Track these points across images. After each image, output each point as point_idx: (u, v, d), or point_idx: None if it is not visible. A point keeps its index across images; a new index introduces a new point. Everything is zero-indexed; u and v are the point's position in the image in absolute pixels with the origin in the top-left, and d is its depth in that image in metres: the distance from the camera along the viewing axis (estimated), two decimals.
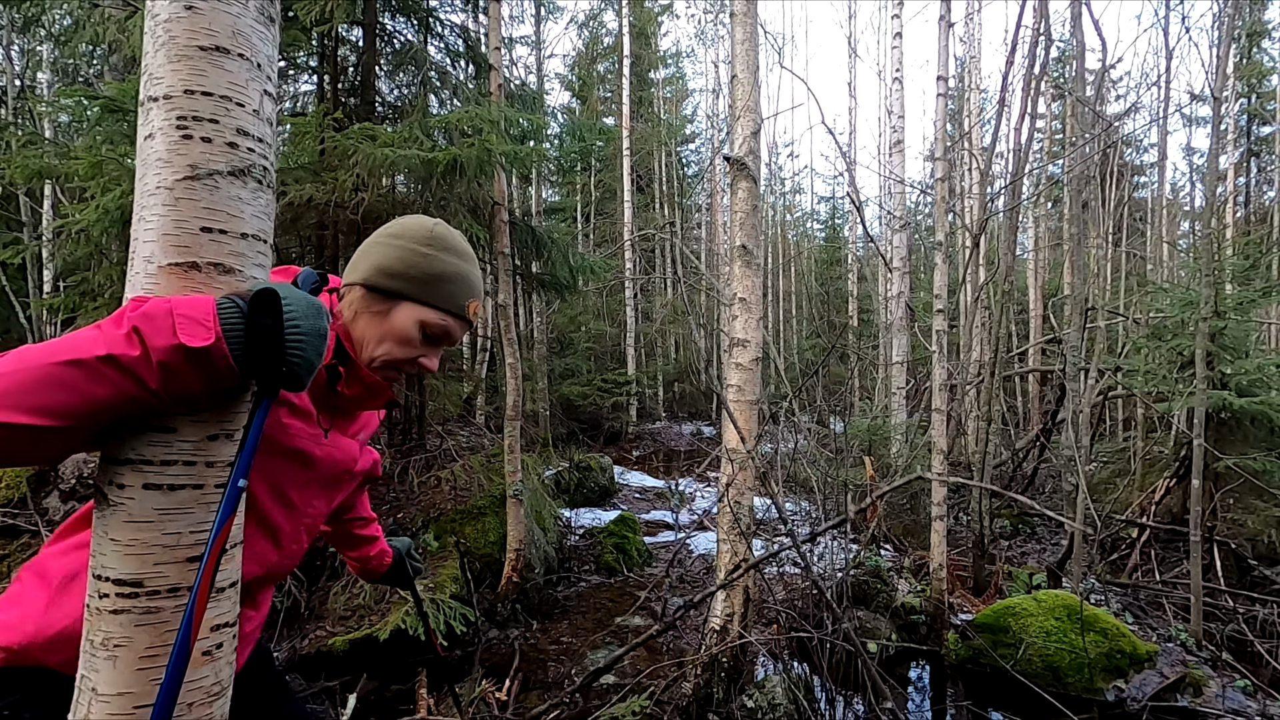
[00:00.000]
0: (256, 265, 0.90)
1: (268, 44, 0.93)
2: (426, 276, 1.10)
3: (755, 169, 3.72)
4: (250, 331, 0.81)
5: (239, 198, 0.87)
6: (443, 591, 3.96)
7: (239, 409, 0.89)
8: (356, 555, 1.63)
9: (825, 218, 28.08)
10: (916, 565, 5.04)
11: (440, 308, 1.12)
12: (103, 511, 0.83)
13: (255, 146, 0.89)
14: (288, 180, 3.91)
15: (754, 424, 3.57)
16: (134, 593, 0.80)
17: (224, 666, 0.88)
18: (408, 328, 1.10)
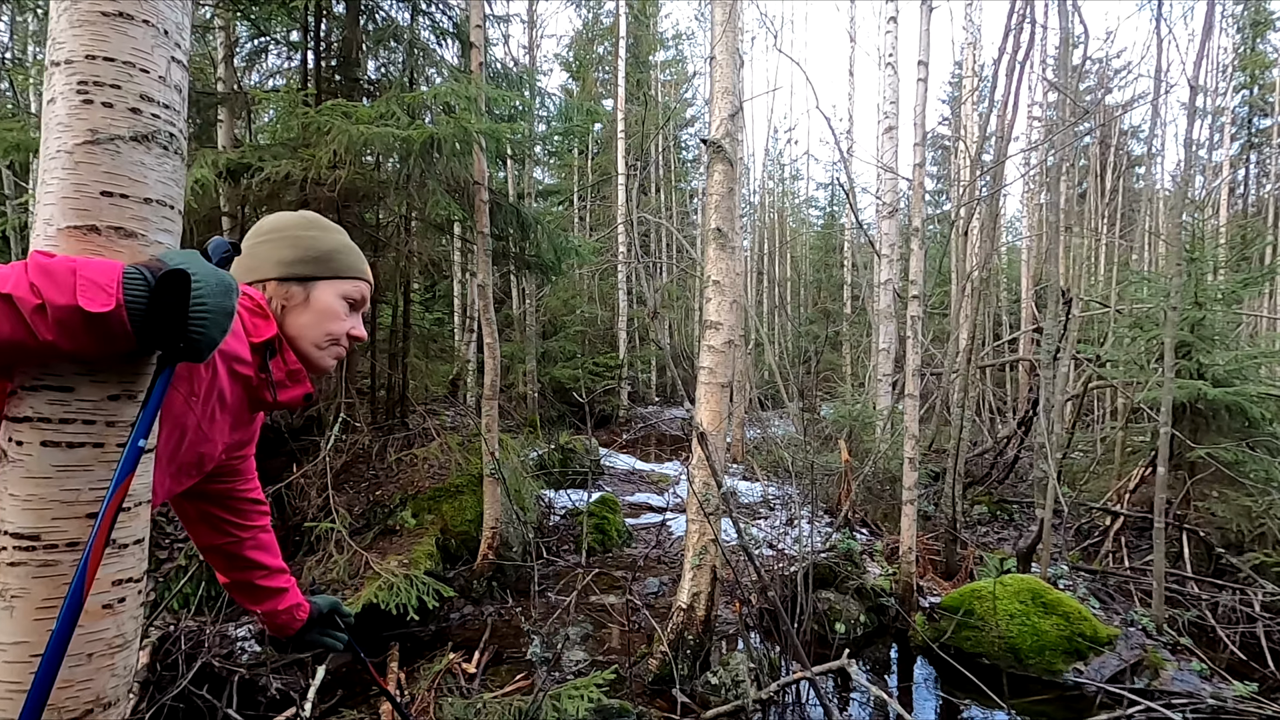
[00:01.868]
0: (162, 230, 0.91)
1: (176, 11, 0.93)
2: (326, 254, 1.16)
3: (732, 151, 3.72)
4: (153, 305, 0.83)
5: (142, 163, 0.88)
6: (417, 567, 4.00)
7: (143, 371, 0.90)
8: (262, 610, 1.39)
9: (823, 204, 27.98)
10: (890, 549, 5.10)
11: (350, 276, 1.18)
12: (3, 468, 0.85)
13: (160, 113, 0.91)
14: (265, 156, 3.90)
15: (724, 407, 3.60)
16: (31, 546, 0.82)
17: (127, 620, 0.91)
18: (333, 303, 1.16)
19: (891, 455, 6.04)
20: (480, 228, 4.48)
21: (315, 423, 5.03)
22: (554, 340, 13.48)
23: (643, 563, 5.62)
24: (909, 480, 4.14)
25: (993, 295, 5.57)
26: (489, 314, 4.51)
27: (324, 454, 4.50)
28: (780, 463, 8.08)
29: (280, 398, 1.14)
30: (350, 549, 4.03)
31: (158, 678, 3.04)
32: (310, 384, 1.18)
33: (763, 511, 7.03)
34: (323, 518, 4.20)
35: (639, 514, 7.29)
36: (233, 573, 1.35)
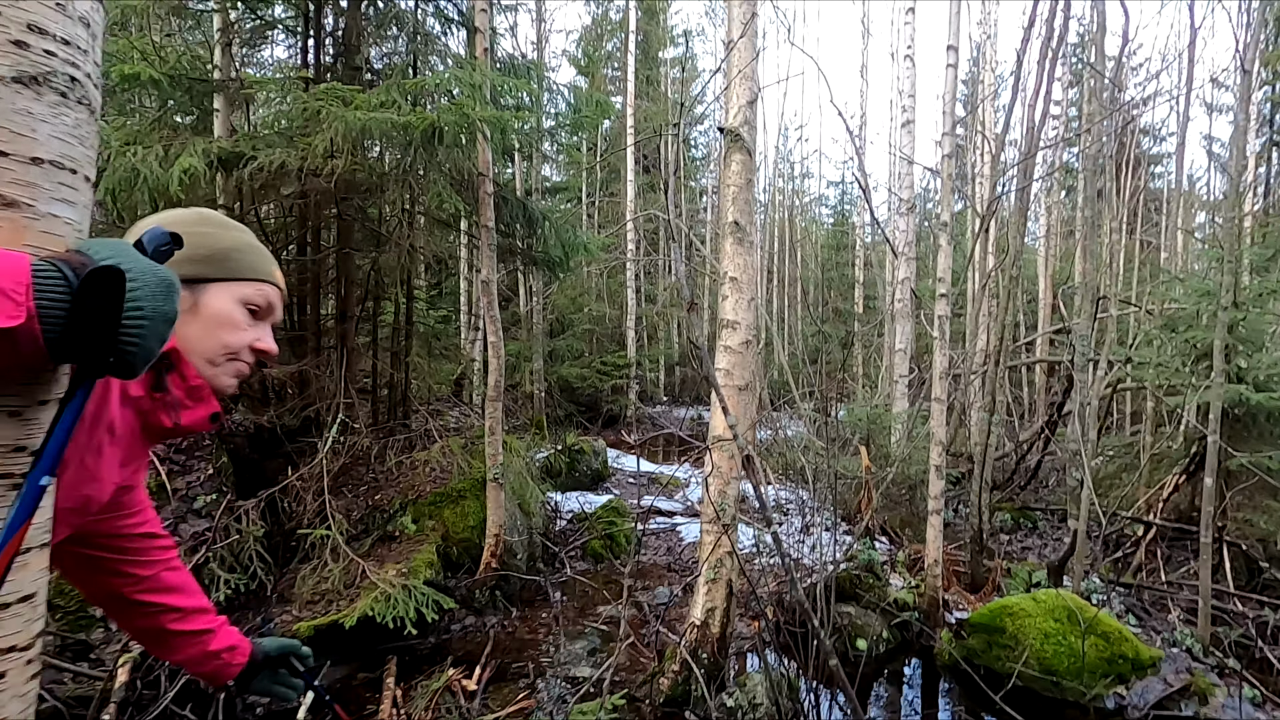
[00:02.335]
0: (58, 200, 0.71)
1: None
2: (221, 253, 0.95)
3: (750, 140, 3.51)
4: (75, 312, 0.66)
5: (29, 111, 0.68)
6: (416, 577, 3.81)
7: (44, 383, 0.71)
8: (183, 659, 1.14)
9: (834, 203, 27.71)
10: (912, 559, 4.88)
11: (251, 278, 0.97)
12: None
13: (59, 50, 0.70)
14: (259, 145, 3.72)
15: (743, 410, 3.39)
16: None
17: (9, 701, 0.71)
18: (228, 309, 0.95)
19: (911, 460, 5.82)
20: (485, 222, 4.29)
21: (313, 424, 4.85)
22: (562, 338, 13.30)
23: (653, 570, 5.42)
24: (935, 489, 3.92)
25: (1018, 295, 5.35)
26: (493, 311, 4.32)
27: (321, 456, 4.32)
28: (793, 466, 7.86)
29: (182, 421, 0.94)
30: (347, 557, 3.84)
31: (137, 696, 2.86)
32: (217, 402, 0.97)
33: (775, 518, 6.81)
34: (319, 523, 4.02)
35: (648, 518, 7.08)
36: (137, 621, 1.11)
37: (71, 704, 2.77)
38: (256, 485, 4.22)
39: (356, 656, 3.58)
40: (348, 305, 5.15)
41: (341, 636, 3.45)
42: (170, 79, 3.67)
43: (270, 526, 4.02)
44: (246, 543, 3.70)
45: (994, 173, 5.71)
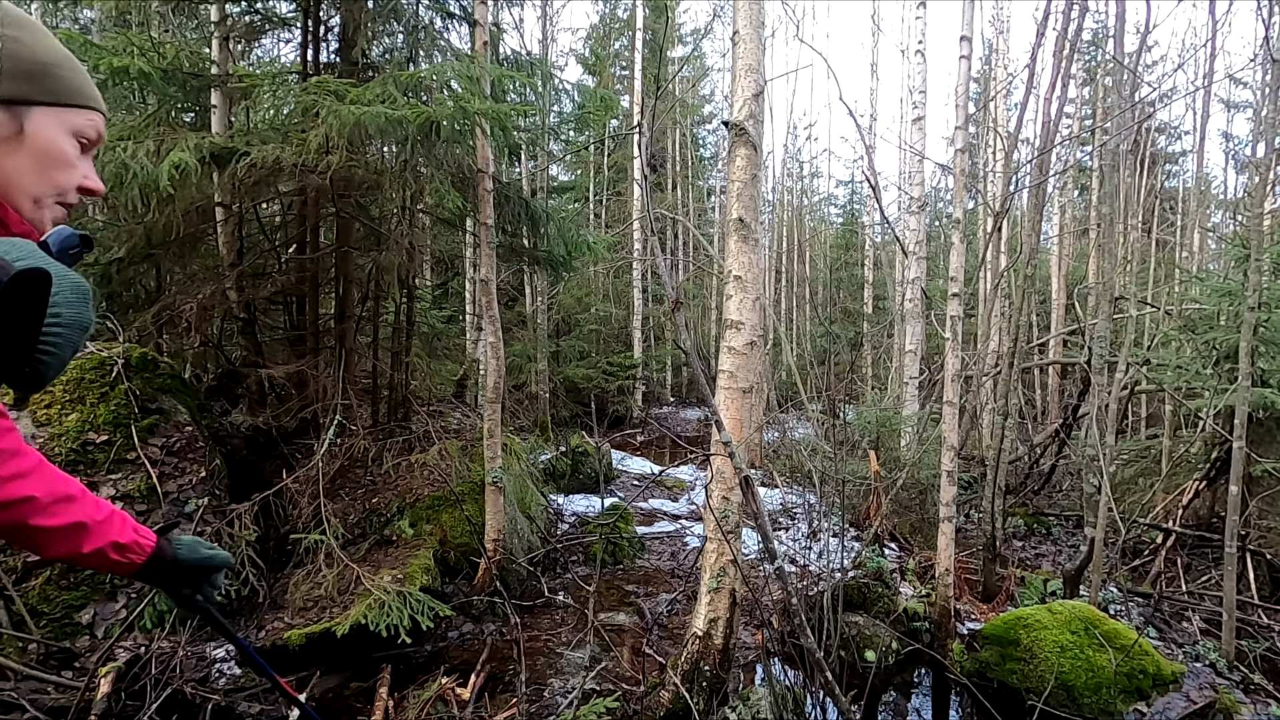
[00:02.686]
0: None
1: None
2: (42, 68, 0.78)
3: (756, 134, 3.39)
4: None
5: None
6: (412, 583, 3.71)
7: None
8: (62, 552, 0.92)
9: (843, 202, 27.48)
10: (922, 567, 4.74)
11: (82, 104, 0.82)
12: None
13: None
14: (253, 141, 3.63)
15: (747, 413, 3.27)
16: None
17: None
18: (60, 143, 0.80)
19: (921, 464, 5.67)
20: (484, 219, 4.19)
21: (311, 425, 4.77)
22: (567, 339, 13.21)
23: (657, 576, 5.30)
24: (947, 496, 3.79)
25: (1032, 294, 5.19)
26: (492, 310, 4.22)
27: (317, 459, 4.23)
28: (801, 469, 7.72)
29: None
30: (341, 563, 3.75)
31: (120, 707, 2.77)
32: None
33: (783, 521, 6.69)
34: (314, 527, 3.94)
35: (652, 521, 6.97)
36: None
37: (55, 714, 2.68)
38: (251, 488, 4.13)
39: (350, 665, 3.49)
40: (347, 305, 5.07)
41: (334, 645, 3.36)
42: (163, 73, 3.59)
43: (264, 531, 3.94)
44: (239, 547, 3.62)
45: (1007, 170, 5.57)
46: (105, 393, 3.67)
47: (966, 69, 3.75)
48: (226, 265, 4.81)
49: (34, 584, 3.05)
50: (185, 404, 4.09)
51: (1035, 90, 6.97)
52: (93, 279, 4.26)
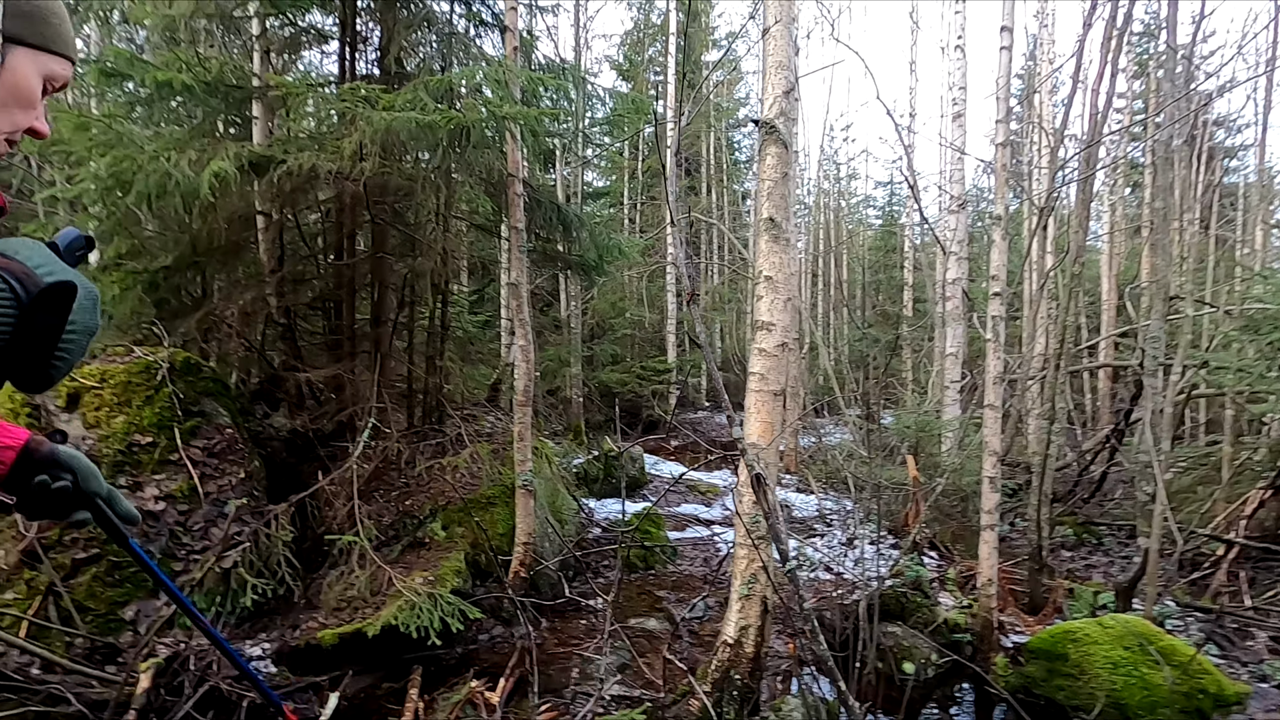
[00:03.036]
0: None
1: None
2: (41, 13, 0.79)
3: (786, 132, 3.33)
4: (22, 330, 0.62)
5: None
6: (444, 585, 3.73)
7: None
8: None
9: (881, 203, 27.04)
10: (963, 577, 4.58)
11: (62, 53, 0.81)
12: None
13: None
14: (289, 149, 3.71)
15: (778, 416, 3.20)
16: None
17: None
18: (32, 83, 0.79)
19: (963, 470, 5.49)
20: (514, 223, 4.21)
21: (347, 428, 4.85)
22: (601, 343, 13.23)
23: (688, 582, 5.24)
24: (989, 503, 3.65)
25: (1080, 294, 4.99)
26: (523, 314, 4.23)
27: (352, 461, 4.29)
28: (838, 475, 7.57)
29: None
30: (373, 564, 3.79)
31: (160, 702, 2.84)
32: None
33: (818, 528, 6.56)
34: (348, 529, 3.99)
35: (685, 527, 6.91)
36: None
37: (98, 708, 2.76)
38: (290, 490, 4.21)
39: (382, 665, 3.52)
40: (383, 310, 5.14)
41: (366, 645, 3.39)
42: (205, 86, 3.70)
43: (300, 532, 4.01)
44: (275, 548, 3.69)
45: (1053, 165, 5.37)
46: (150, 396, 3.79)
47: (1008, 61, 3.62)
48: (267, 272, 4.93)
49: (81, 580, 3.16)
50: (226, 407, 4.19)
51: (1082, 83, 6.73)
52: (141, 285, 4.41)
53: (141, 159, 3.15)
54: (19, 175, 7.07)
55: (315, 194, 4.47)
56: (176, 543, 3.49)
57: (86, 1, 4.10)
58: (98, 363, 3.90)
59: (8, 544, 3.12)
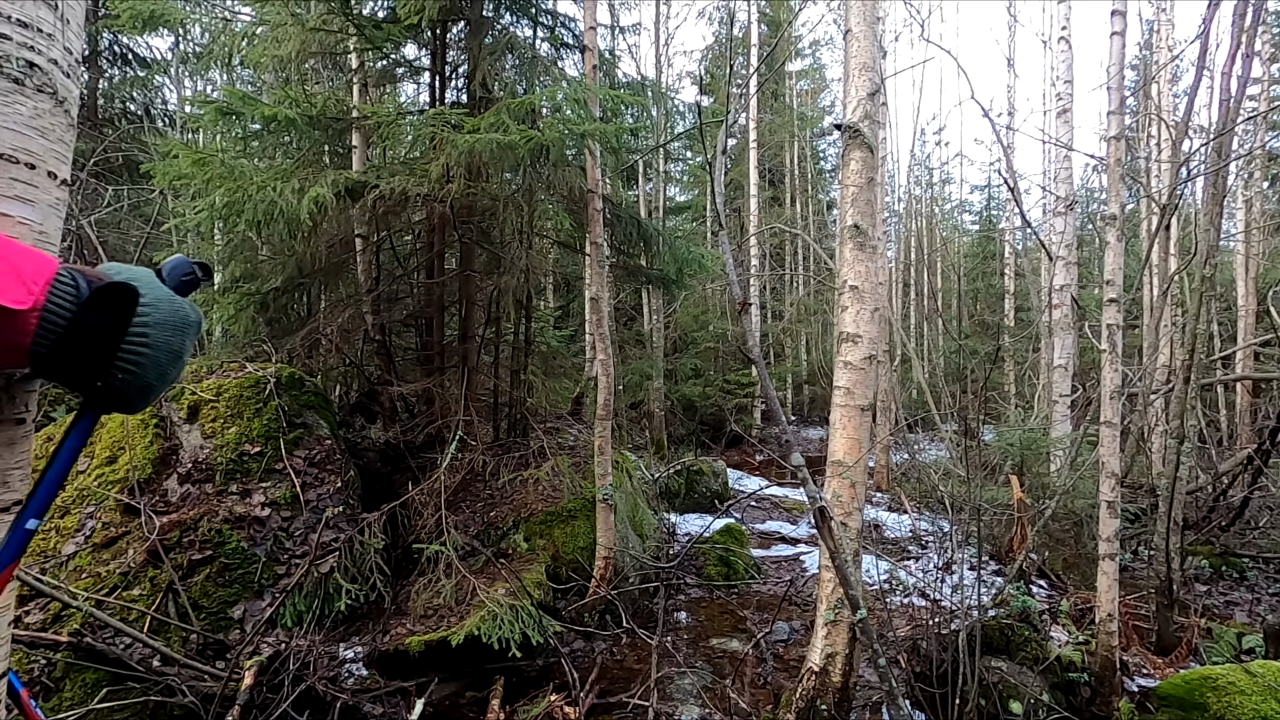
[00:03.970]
0: (11, 197, 0.64)
1: None
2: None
3: (872, 136, 3.19)
4: (76, 322, 0.62)
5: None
6: (524, 597, 3.77)
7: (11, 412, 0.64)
8: None
9: (978, 208, 25.74)
10: (1078, 610, 4.19)
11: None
12: None
13: (14, 33, 0.64)
14: (382, 175, 3.91)
15: (865, 432, 3.04)
16: None
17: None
18: None
19: (1075, 493, 5.05)
20: (594, 238, 4.24)
21: (436, 440, 5.02)
22: (684, 356, 13.18)
23: (772, 602, 5.07)
24: (1107, 529, 3.31)
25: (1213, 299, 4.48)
26: (602, 329, 4.25)
27: (440, 472, 4.43)
28: (933, 493, 7.16)
29: None
30: (459, 573, 3.88)
31: (261, 699, 2.99)
32: None
33: (912, 550, 6.21)
34: (435, 538, 4.11)
35: (769, 544, 6.72)
36: None
37: (206, 701, 2.94)
38: (382, 499, 4.40)
39: (466, 674, 3.58)
40: (470, 326, 5.31)
41: (450, 654, 3.46)
42: (308, 119, 3.96)
43: (391, 540, 4.16)
44: (368, 554, 3.84)
45: (1175, 159, 4.89)
46: (259, 409, 4.06)
47: (1120, 48, 3.32)
48: (364, 291, 5.21)
49: (196, 580, 3.39)
50: (326, 419, 4.43)
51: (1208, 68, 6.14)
52: (253, 305, 4.76)
53: (250, 189, 3.40)
54: (156, 206, 7.82)
55: (407, 216, 4.68)
56: (280, 547, 3.69)
57: (210, 48, 4.46)
58: (215, 377, 4.23)
59: (135, 544, 3.40)
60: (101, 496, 3.54)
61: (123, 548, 3.44)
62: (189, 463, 3.83)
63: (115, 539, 3.45)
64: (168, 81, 10.18)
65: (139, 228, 8.24)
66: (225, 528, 3.56)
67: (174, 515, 3.54)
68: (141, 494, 3.57)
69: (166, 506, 3.60)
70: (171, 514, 3.55)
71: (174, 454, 3.88)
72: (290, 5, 4.35)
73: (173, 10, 4.08)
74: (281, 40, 4.25)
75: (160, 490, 3.70)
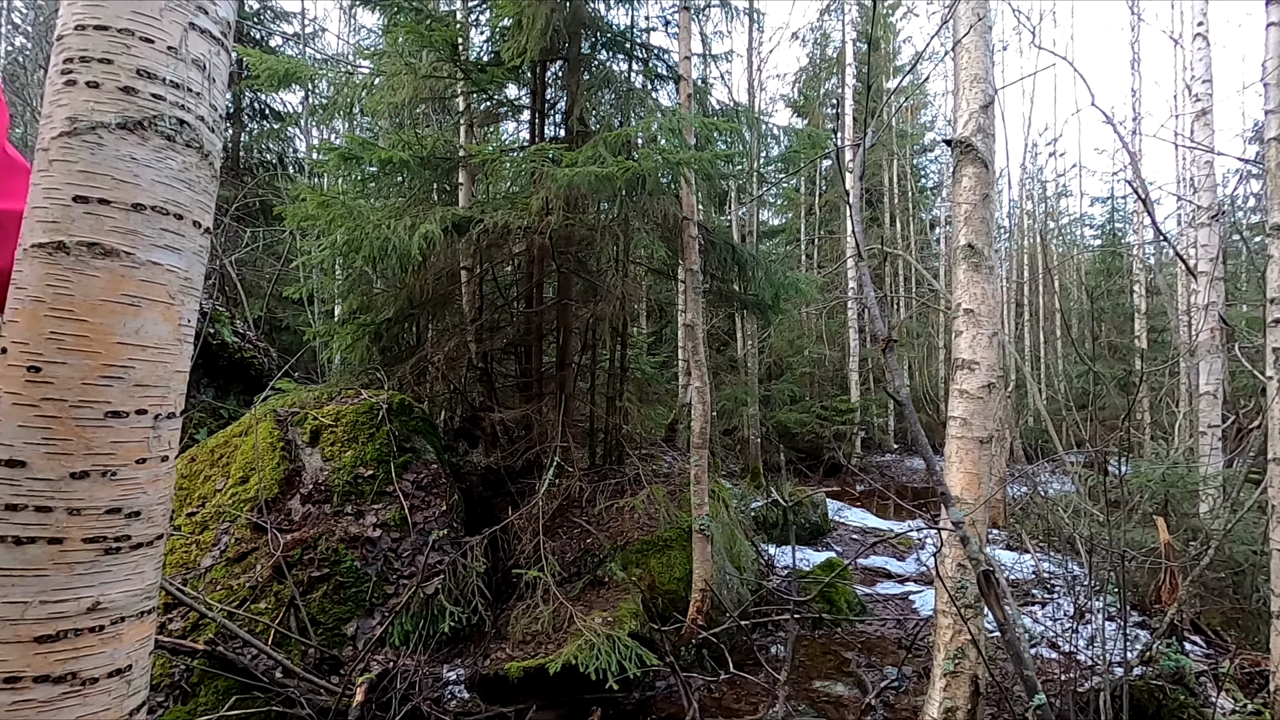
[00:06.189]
0: (161, 247, 0.68)
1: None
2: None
3: (986, 150, 3.01)
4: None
5: (132, 157, 0.66)
6: (621, 627, 3.73)
7: (126, 439, 0.67)
8: None
9: (1100, 221, 23.87)
10: (1245, 673, 3.67)
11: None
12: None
13: (167, 93, 0.68)
14: (485, 210, 4.07)
15: (985, 466, 2.82)
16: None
17: None
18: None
19: (1235, 538, 4.47)
20: (689, 265, 4.23)
21: (534, 466, 5.12)
22: (779, 382, 12.89)
23: (881, 644, 4.77)
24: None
25: None
26: (698, 355, 4.20)
27: (538, 498, 4.50)
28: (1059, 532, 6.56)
29: None
30: (556, 600, 3.90)
31: (371, 716, 3.09)
32: None
33: (1036, 594, 5.69)
34: (533, 563, 4.16)
35: (874, 581, 6.36)
36: None
37: (321, 714, 3.08)
38: (483, 523, 4.51)
39: (562, 703, 3.57)
40: (567, 353, 5.42)
41: (547, 681, 3.46)
42: (419, 160, 4.21)
43: (491, 563, 4.25)
44: (470, 578, 3.93)
45: None
46: (373, 433, 4.28)
47: (1277, 36, 2.97)
48: (469, 320, 5.43)
49: (314, 596, 3.58)
50: (433, 444, 4.61)
51: None
52: (369, 335, 5.06)
53: (368, 227, 3.63)
54: (286, 245, 8.55)
55: (509, 248, 4.85)
56: (389, 567, 3.85)
57: (335, 100, 4.84)
58: (334, 404, 4.51)
59: (262, 560, 3.64)
60: (234, 514, 3.82)
61: (251, 563, 3.69)
62: (310, 484, 4.08)
63: (245, 554, 3.71)
64: (298, 132, 11.18)
65: (271, 265, 9.03)
66: (341, 547, 3.75)
67: (296, 533, 3.77)
68: (268, 512, 3.83)
69: (290, 525, 3.85)
70: (294, 532, 3.78)
71: (297, 475, 4.14)
72: (405, 56, 4.67)
73: (304, 68, 4.47)
74: (397, 88, 4.56)
75: (285, 509, 3.96)
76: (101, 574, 0.65)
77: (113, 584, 0.65)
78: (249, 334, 7.20)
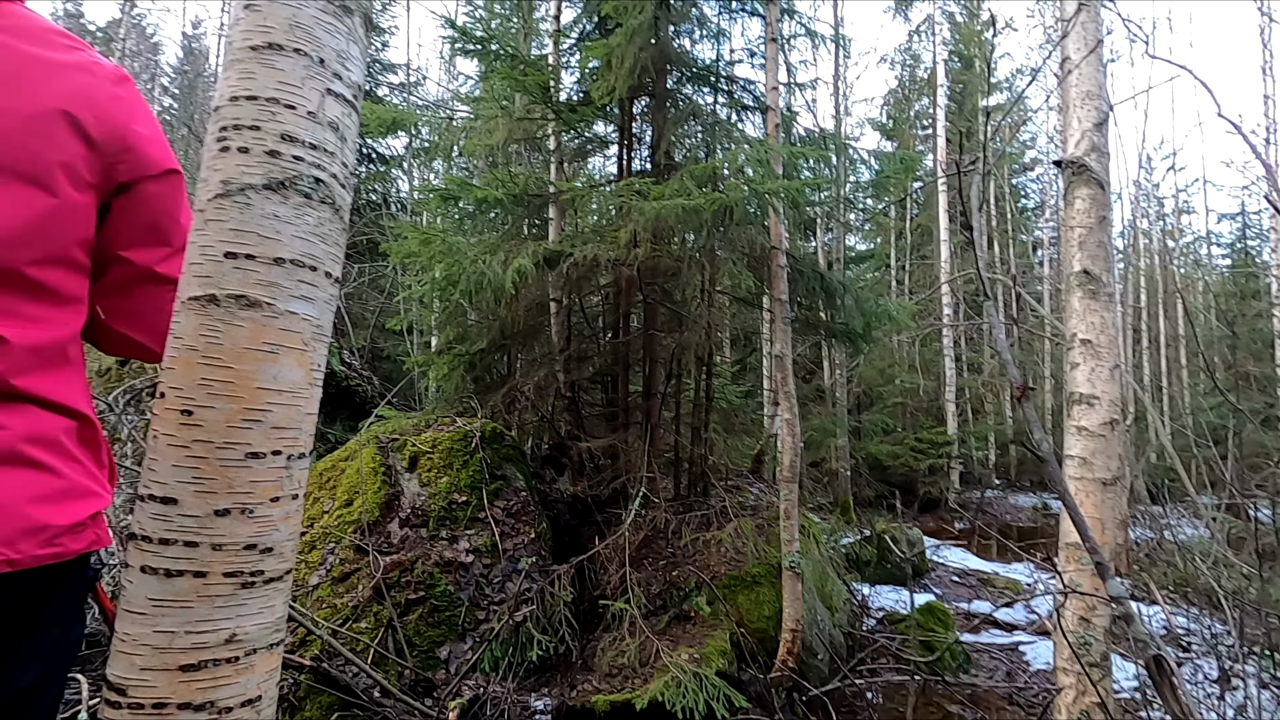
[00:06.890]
0: (297, 297, 0.73)
1: (337, 37, 0.77)
2: None
3: (1101, 170, 2.82)
4: None
5: (275, 215, 0.71)
6: (708, 665, 3.63)
7: (268, 478, 0.71)
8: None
9: (1229, 240, 21.90)
10: None
11: None
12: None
13: (305, 154, 0.74)
14: (575, 243, 4.18)
15: (1109, 510, 2.59)
16: (118, 702, 0.65)
17: None
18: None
19: None
20: (777, 295, 4.17)
21: (620, 495, 5.13)
22: (869, 413, 12.42)
23: (988, 699, 4.43)
24: None
25: None
26: (788, 386, 4.11)
27: (624, 528, 4.49)
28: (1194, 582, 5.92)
29: None
30: (642, 633, 3.85)
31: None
32: None
33: (1170, 653, 5.12)
34: (619, 595, 4.14)
35: (979, 629, 5.93)
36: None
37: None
38: (570, 551, 4.55)
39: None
40: (653, 383, 5.43)
41: (633, 716, 3.41)
42: (512, 197, 4.38)
43: (578, 593, 4.26)
44: (557, 607, 3.96)
45: None
46: (466, 461, 4.42)
47: None
48: (557, 351, 5.56)
49: (410, 619, 3.70)
50: (522, 471, 4.71)
51: None
52: (463, 365, 5.26)
53: (464, 262, 3.80)
54: (389, 280, 9.08)
55: (597, 280, 4.94)
56: (480, 593, 3.93)
57: (436, 143, 5.13)
58: (431, 431, 4.69)
59: (364, 580, 3.81)
60: (339, 536, 4.02)
61: (354, 583, 3.86)
62: (408, 508, 4.25)
63: (349, 574, 3.88)
64: (401, 173, 11.94)
65: (375, 298, 9.61)
66: (436, 571, 3.86)
67: (395, 556, 3.92)
68: (370, 534, 4.01)
69: (389, 547, 4.01)
70: (393, 555, 3.93)
71: (397, 500, 4.32)
72: (500, 100, 4.91)
73: (408, 116, 4.78)
74: (492, 130, 4.79)
75: (385, 532, 4.13)
76: (238, 607, 0.68)
77: (247, 616, 0.69)
78: (354, 363, 7.66)
